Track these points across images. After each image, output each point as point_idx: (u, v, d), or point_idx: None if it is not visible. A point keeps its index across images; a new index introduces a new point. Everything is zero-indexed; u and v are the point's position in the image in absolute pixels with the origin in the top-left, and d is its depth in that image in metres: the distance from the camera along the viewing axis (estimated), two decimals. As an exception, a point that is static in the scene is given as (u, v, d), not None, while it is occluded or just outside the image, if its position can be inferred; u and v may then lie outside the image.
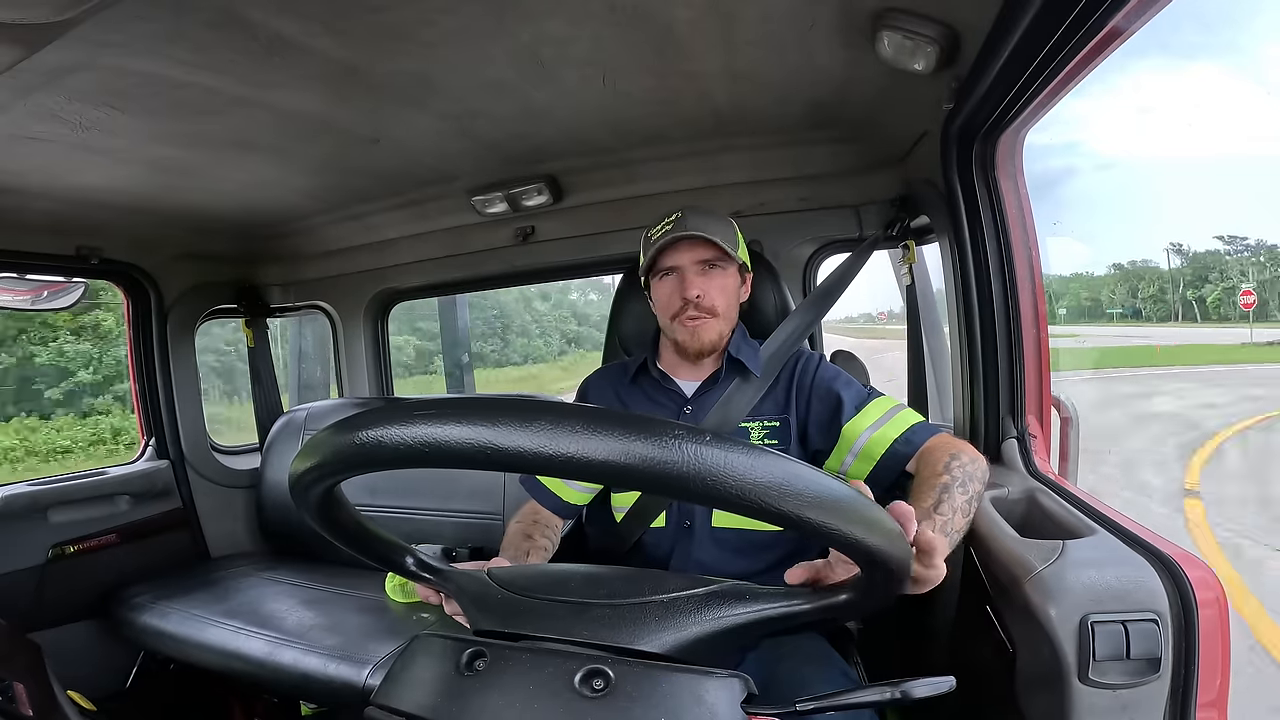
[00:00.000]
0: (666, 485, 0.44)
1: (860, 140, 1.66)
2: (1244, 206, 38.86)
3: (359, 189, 1.97)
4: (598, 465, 0.44)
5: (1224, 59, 46.31)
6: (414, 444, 0.47)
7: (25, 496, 1.90)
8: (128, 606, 1.87)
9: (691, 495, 0.45)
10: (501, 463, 0.45)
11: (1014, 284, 1.27)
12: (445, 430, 0.46)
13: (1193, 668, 0.78)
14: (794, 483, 0.46)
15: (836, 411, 1.23)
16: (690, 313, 1.26)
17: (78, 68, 1.09)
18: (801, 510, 0.46)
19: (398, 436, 0.48)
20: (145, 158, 1.53)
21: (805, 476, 0.47)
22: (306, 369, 3.89)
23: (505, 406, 0.46)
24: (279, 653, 1.56)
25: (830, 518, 0.48)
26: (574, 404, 1.13)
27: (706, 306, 1.26)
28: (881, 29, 1.08)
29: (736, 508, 0.46)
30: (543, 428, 0.44)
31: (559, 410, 0.46)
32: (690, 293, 1.24)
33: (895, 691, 0.60)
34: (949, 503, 0.94)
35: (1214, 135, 51.11)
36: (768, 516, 0.46)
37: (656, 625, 0.65)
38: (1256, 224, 49.42)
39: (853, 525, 0.50)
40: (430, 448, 0.47)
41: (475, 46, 1.17)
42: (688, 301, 1.25)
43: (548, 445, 0.44)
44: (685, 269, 1.26)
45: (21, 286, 1.98)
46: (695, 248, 1.26)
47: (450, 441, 0.46)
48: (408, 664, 0.67)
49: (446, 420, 0.46)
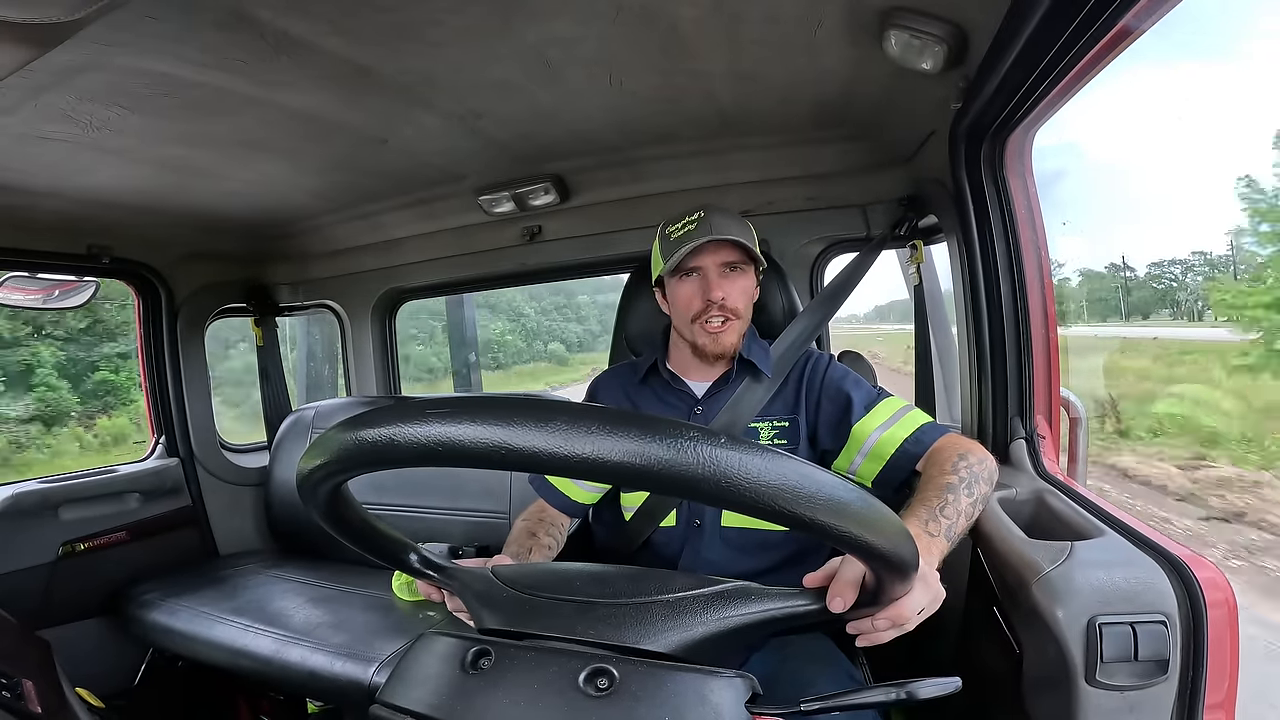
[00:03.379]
0: (682, 487, 0.44)
1: (868, 139, 1.65)
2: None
3: (367, 189, 1.97)
4: (611, 466, 0.44)
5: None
6: (427, 442, 0.47)
7: (36, 494, 1.91)
8: (137, 604, 1.88)
9: (705, 497, 0.45)
10: (515, 463, 0.45)
11: (1023, 284, 1.26)
12: (462, 430, 0.46)
13: (1201, 669, 0.78)
14: (805, 486, 0.46)
15: (846, 411, 1.22)
16: (714, 314, 1.25)
17: (88, 68, 1.09)
18: (814, 513, 0.46)
19: (408, 435, 0.48)
20: (155, 157, 1.54)
21: (817, 479, 0.46)
22: (314, 368, 3.91)
23: (520, 407, 0.46)
24: (286, 650, 1.57)
25: (839, 520, 0.48)
26: (584, 404, 1.13)
27: (731, 308, 1.25)
28: (889, 28, 1.08)
29: (751, 510, 0.45)
30: (557, 428, 0.44)
31: (573, 411, 0.45)
32: (715, 294, 1.23)
33: (901, 692, 0.60)
34: (954, 505, 0.95)
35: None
36: (780, 518, 0.46)
37: (663, 625, 0.65)
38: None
39: (861, 528, 0.49)
40: (445, 447, 0.46)
41: (482, 46, 1.17)
42: (711, 304, 1.24)
43: (562, 446, 0.44)
44: (709, 271, 1.25)
45: (34, 286, 2.00)
46: (720, 250, 1.25)
47: (465, 441, 0.46)
48: (413, 662, 0.68)
49: (463, 420, 0.46)
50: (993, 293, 1.29)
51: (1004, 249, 1.27)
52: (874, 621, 0.71)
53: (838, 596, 0.68)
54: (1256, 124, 32.60)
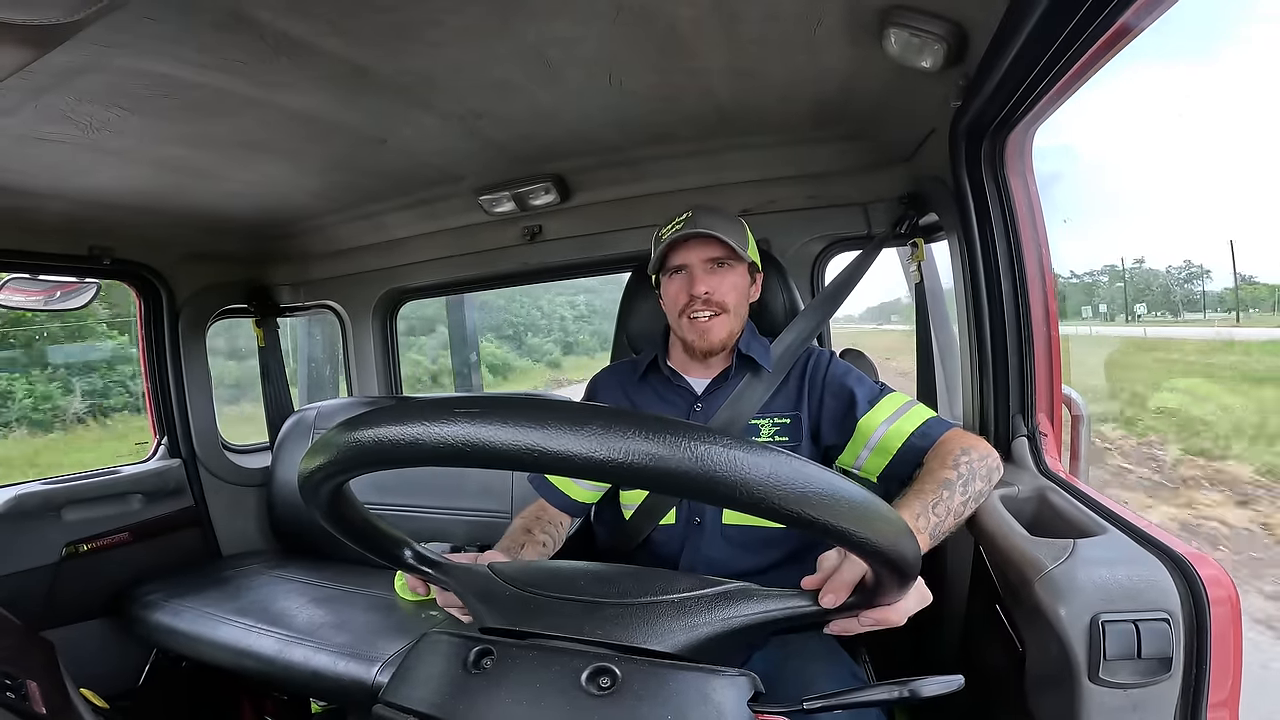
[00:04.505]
0: (678, 486, 0.44)
1: (868, 138, 1.65)
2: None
3: (367, 189, 1.97)
4: (613, 466, 0.43)
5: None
6: (435, 443, 0.46)
7: (39, 495, 1.92)
8: (140, 605, 1.89)
9: (714, 498, 0.44)
10: (515, 462, 0.45)
11: (1024, 282, 1.26)
12: (475, 430, 0.45)
13: (1204, 667, 0.77)
14: (810, 485, 0.45)
15: (850, 406, 1.22)
16: (697, 308, 1.26)
17: (87, 69, 1.09)
18: (819, 514, 0.46)
19: (409, 435, 0.47)
20: (155, 158, 1.54)
21: (820, 479, 0.46)
22: (315, 368, 3.91)
23: (527, 407, 0.46)
24: (289, 650, 1.57)
25: (841, 520, 0.48)
26: (585, 403, 1.13)
27: (716, 301, 1.25)
28: (889, 26, 1.07)
29: (760, 511, 0.45)
30: (565, 428, 0.44)
31: (581, 411, 0.45)
32: (698, 289, 1.25)
33: (903, 690, 0.60)
34: (946, 503, 0.95)
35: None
36: (784, 518, 0.46)
37: (669, 625, 0.65)
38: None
39: (862, 526, 0.49)
40: (457, 446, 0.46)
41: (482, 46, 1.17)
42: (694, 298, 1.25)
43: (559, 445, 0.44)
44: (694, 267, 1.26)
45: (35, 287, 2.00)
46: (704, 246, 1.26)
47: (474, 441, 0.45)
48: (416, 662, 0.68)
49: (478, 420, 0.46)
50: (994, 290, 1.29)
51: (1005, 246, 1.27)
52: (860, 619, 0.72)
53: (830, 593, 0.68)
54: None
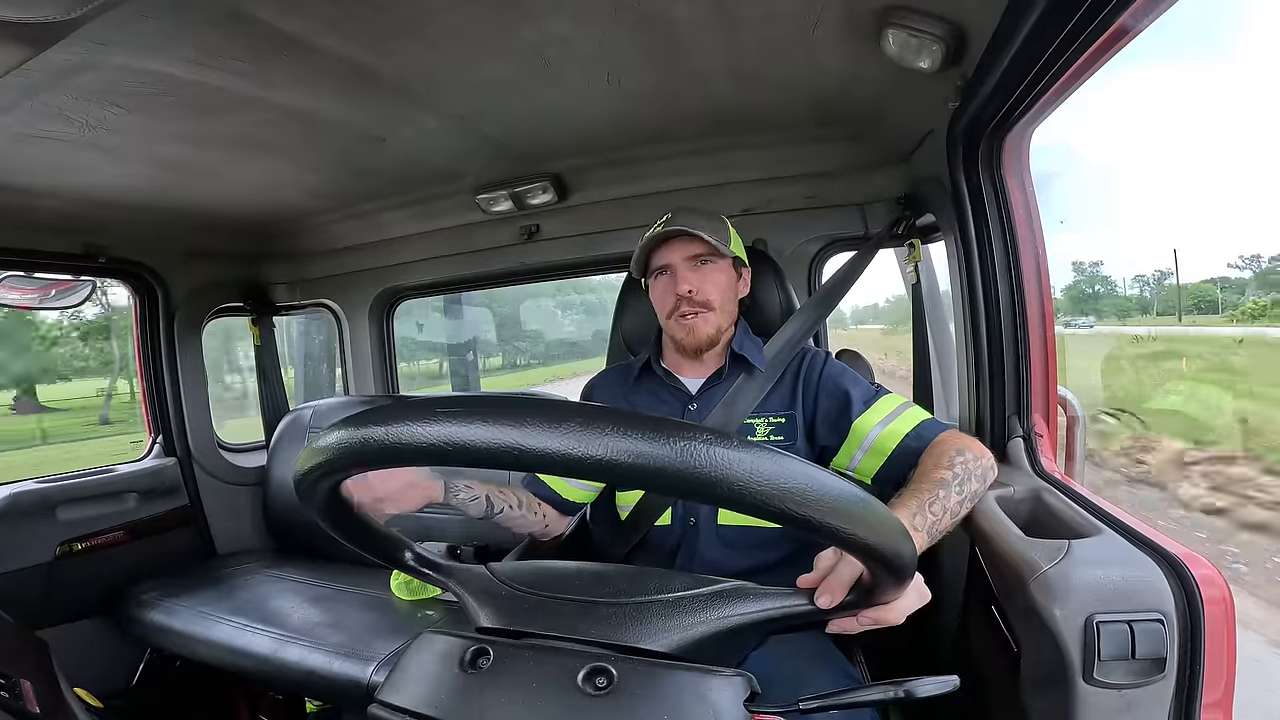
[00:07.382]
0: (658, 482, 0.44)
1: (865, 138, 1.65)
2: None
3: (364, 188, 1.97)
4: (591, 463, 0.43)
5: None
6: (429, 442, 0.46)
7: (33, 494, 1.91)
8: (135, 604, 1.88)
9: (695, 493, 0.44)
10: (514, 462, 0.45)
11: (1020, 282, 1.26)
12: (463, 429, 0.45)
13: (1198, 668, 0.78)
14: (792, 479, 0.45)
15: (845, 407, 1.22)
16: (684, 308, 1.27)
17: (84, 67, 1.09)
18: (804, 509, 0.46)
19: (410, 435, 0.47)
20: (151, 157, 1.53)
21: (802, 473, 0.46)
22: (311, 367, 3.90)
23: (508, 406, 0.45)
24: (284, 650, 1.57)
25: (838, 520, 0.48)
26: (566, 401, 1.13)
27: (701, 300, 1.27)
28: (887, 27, 1.08)
29: (746, 507, 0.45)
30: (572, 428, 0.43)
31: (559, 409, 0.45)
32: (682, 288, 1.26)
33: (899, 691, 0.60)
34: (942, 502, 0.95)
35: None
36: (771, 514, 0.46)
37: (664, 624, 0.65)
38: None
39: (859, 527, 0.49)
40: (450, 447, 0.46)
41: (479, 45, 1.17)
42: (681, 298, 1.26)
43: (574, 446, 0.43)
44: (676, 265, 1.28)
45: (30, 285, 1.99)
46: (685, 245, 1.27)
47: (469, 441, 0.45)
48: (412, 661, 0.68)
49: (471, 419, 0.45)
50: (990, 291, 1.29)
51: (1002, 247, 1.27)
52: (858, 619, 0.72)
53: (826, 593, 0.68)
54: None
